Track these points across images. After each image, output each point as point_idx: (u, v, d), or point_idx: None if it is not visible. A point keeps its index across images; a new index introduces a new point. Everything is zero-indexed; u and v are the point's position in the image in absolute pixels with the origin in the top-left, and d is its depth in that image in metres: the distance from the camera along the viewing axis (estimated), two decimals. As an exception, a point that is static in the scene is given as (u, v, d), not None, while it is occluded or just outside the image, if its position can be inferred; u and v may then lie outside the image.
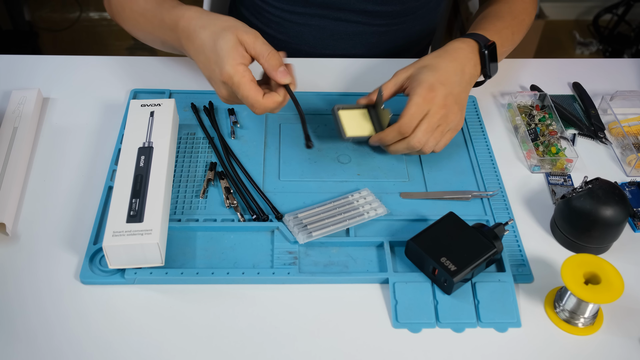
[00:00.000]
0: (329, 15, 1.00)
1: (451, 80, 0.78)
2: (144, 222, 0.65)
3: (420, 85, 0.76)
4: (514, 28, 0.91)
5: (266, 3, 1.00)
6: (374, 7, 0.98)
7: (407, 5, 0.99)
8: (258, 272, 0.68)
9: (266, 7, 1.01)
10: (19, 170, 0.77)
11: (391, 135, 0.77)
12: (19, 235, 0.72)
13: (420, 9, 1.02)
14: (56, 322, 0.64)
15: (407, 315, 0.65)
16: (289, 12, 1.00)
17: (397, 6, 0.99)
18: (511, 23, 0.90)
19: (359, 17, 1.00)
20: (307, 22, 1.01)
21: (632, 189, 0.82)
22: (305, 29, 1.02)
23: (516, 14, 0.92)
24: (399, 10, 1.00)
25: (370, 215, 0.74)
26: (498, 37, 0.86)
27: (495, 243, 0.68)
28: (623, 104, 0.94)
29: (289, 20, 1.01)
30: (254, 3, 1.02)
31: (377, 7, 0.98)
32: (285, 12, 1.00)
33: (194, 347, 0.63)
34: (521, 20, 0.92)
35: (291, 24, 1.01)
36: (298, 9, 0.99)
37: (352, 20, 1.00)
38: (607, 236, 0.71)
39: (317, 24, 1.01)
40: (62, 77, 0.94)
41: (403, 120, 0.75)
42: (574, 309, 0.65)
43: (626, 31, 2.52)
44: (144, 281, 0.67)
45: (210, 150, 0.82)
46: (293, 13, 1.00)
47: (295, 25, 1.01)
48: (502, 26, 0.88)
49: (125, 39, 2.45)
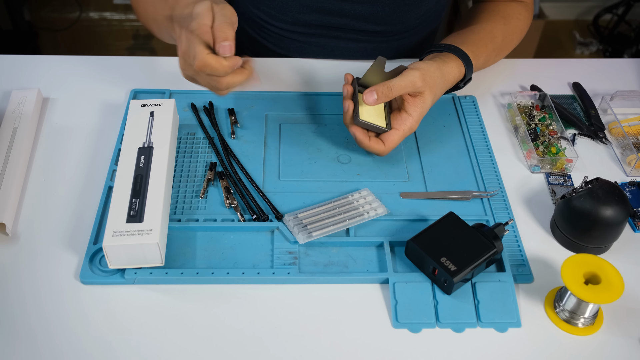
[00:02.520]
0: (329, 34, 0.99)
1: (437, 97, 0.81)
2: (144, 222, 0.65)
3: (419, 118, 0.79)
4: (500, 50, 0.92)
5: (266, 22, 1.00)
6: (374, 27, 0.98)
7: (407, 24, 0.99)
8: (258, 272, 0.68)
9: (266, 26, 1.01)
10: (19, 170, 0.77)
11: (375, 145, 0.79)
12: (19, 235, 0.72)
13: (420, 24, 1.02)
14: (56, 322, 0.64)
15: (407, 315, 0.65)
16: (288, 31, 1.00)
17: (398, 25, 0.99)
18: (500, 44, 0.91)
19: (359, 36, 0.99)
20: (307, 40, 1.01)
21: (632, 189, 0.82)
22: (306, 46, 1.02)
23: (508, 33, 0.92)
24: (399, 29, 1.00)
25: (370, 215, 0.74)
26: (483, 63, 0.89)
27: (495, 243, 0.68)
28: (623, 104, 0.94)
29: (289, 37, 1.01)
30: (254, 21, 1.02)
31: (377, 27, 0.98)
32: (285, 30, 1.00)
33: (194, 347, 0.63)
34: (510, 41, 0.93)
35: (292, 41, 1.01)
36: (298, 29, 0.99)
37: (352, 38, 1.00)
38: (607, 236, 0.71)
39: (317, 41, 1.01)
40: (62, 77, 0.94)
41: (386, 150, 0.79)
42: (574, 309, 0.65)
43: (626, 31, 2.52)
44: (144, 281, 0.67)
45: (210, 150, 0.82)
46: (293, 32, 1.00)
47: (296, 42, 1.01)
48: (492, 48, 0.89)
49: (125, 39, 2.45)
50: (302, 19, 0.97)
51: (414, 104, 0.78)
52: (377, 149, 0.78)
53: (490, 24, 0.91)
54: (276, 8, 0.96)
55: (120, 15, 2.52)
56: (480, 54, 0.87)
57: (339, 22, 0.97)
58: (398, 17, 0.96)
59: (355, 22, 0.97)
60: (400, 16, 0.96)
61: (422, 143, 0.86)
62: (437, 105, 0.91)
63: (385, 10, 0.95)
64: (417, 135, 0.87)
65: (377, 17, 0.96)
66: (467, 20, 0.95)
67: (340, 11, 0.95)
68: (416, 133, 0.87)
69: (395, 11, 0.95)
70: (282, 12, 0.97)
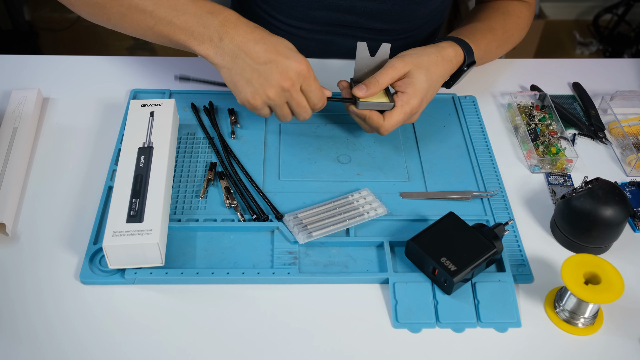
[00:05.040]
0: (336, 31, 0.99)
1: (435, 87, 0.80)
2: (144, 222, 0.65)
3: (414, 95, 0.77)
4: (500, 42, 0.91)
5: (273, 17, 1.00)
6: (381, 25, 0.98)
7: (414, 22, 0.99)
8: (258, 272, 0.68)
9: (273, 22, 1.01)
10: (19, 170, 0.77)
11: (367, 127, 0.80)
12: (19, 236, 0.72)
13: (425, 24, 1.02)
14: (56, 322, 0.64)
15: (407, 315, 0.65)
16: (296, 27, 1.00)
17: (405, 24, 0.99)
18: (501, 37, 0.91)
19: (365, 34, 0.99)
20: (313, 37, 1.01)
21: (632, 189, 0.82)
22: (312, 42, 1.02)
23: (508, 28, 0.92)
24: (406, 28, 1.00)
25: (370, 215, 0.74)
26: (484, 53, 0.87)
27: (495, 243, 0.68)
28: (623, 104, 0.94)
29: (295, 34, 1.01)
30: (260, 16, 1.02)
31: (384, 25, 0.98)
32: (292, 27, 1.00)
33: (194, 347, 0.63)
34: (510, 35, 0.93)
35: (297, 37, 1.01)
36: (306, 25, 0.99)
37: (358, 36, 1.00)
38: (607, 236, 0.71)
39: (323, 38, 1.01)
40: (62, 77, 0.94)
41: (385, 125, 0.77)
42: (574, 309, 0.65)
43: (626, 31, 2.52)
44: (144, 281, 0.67)
45: (210, 150, 0.82)
46: (300, 29, 1.00)
47: (302, 39, 1.01)
48: (492, 39, 0.89)
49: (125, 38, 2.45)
50: (312, 15, 0.97)
51: (403, 84, 0.78)
52: (377, 121, 0.77)
53: (489, 20, 0.91)
54: (287, 3, 0.96)
55: (121, 15, 2.51)
56: (479, 42, 0.86)
57: (348, 19, 0.97)
58: (406, 15, 0.97)
59: (364, 19, 0.97)
60: (408, 14, 0.97)
61: (422, 143, 0.86)
62: (437, 105, 0.91)
63: (395, 8, 0.95)
64: (417, 135, 0.87)
65: (386, 15, 0.96)
66: (466, 20, 0.95)
67: (350, 8, 0.95)
68: (416, 133, 0.87)
69: (404, 9, 0.95)
70: (292, 7, 0.96)
